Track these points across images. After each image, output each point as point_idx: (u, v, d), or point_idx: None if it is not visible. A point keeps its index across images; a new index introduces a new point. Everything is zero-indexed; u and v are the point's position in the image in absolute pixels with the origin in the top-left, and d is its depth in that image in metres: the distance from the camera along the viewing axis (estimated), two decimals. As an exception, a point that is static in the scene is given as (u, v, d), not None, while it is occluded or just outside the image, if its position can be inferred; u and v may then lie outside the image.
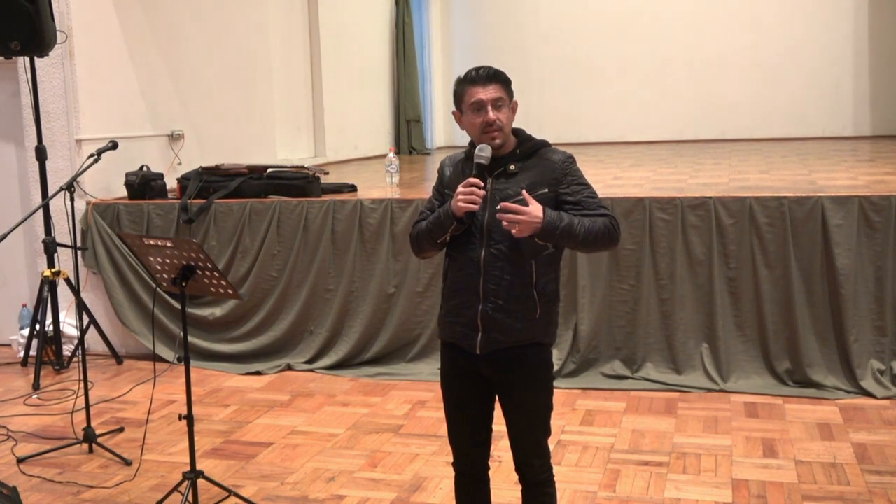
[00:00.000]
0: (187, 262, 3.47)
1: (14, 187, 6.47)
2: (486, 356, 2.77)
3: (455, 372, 2.88)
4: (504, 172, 2.76)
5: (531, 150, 2.80)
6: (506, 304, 2.72)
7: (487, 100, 2.72)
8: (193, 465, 3.67)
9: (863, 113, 11.32)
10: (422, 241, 2.86)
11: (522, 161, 2.78)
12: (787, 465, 4.05)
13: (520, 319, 2.74)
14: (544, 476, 2.89)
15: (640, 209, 5.32)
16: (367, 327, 5.78)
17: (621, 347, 5.39)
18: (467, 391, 2.86)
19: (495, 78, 2.75)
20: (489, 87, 2.73)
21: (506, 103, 2.75)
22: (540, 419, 2.85)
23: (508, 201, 2.67)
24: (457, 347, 2.84)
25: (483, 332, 2.75)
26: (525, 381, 2.80)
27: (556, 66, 12.21)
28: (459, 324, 2.80)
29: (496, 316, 2.73)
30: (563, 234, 2.66)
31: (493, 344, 2.75)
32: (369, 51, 10.95)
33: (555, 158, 2.79)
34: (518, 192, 2.70)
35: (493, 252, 2.71)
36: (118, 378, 5.83)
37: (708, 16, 11.70)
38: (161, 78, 6.91)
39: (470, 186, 2.66)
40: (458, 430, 2.93)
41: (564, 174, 2.77)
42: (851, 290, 5.04)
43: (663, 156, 9.36)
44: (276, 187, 6.15)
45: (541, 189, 2.73)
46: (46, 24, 5.36)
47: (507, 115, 2.76)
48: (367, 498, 3.88)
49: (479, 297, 2.73)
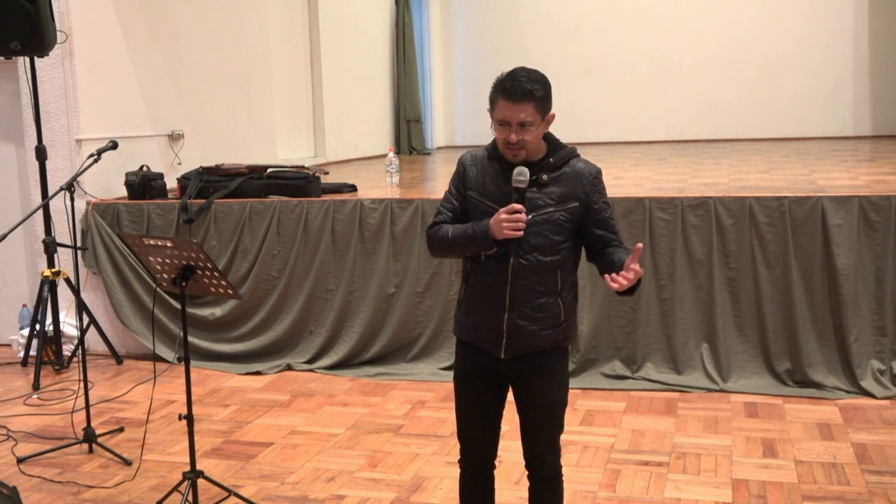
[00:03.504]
0: (187, 262, 3.47)
1: (14, 187, 6.47)
2: (508, 360, 2.79)
3: (473, 370, 2.87)
4: (536, 181, 2.72)
5: (563, 160, 2.77)
6: (532, 312, 2.74)
7: (513, 121, 2.64)
8: (193, 465, 3.67)
9: (863, 113, 11.32)
10: (446, 249, 2.81)
11: (554, 171, 2.74)
12: (787, 465, 4.05)
13: (546, 327, 2.76)
14: (553, 472, 2.90)
15: (640, 209, 5.32)
16: (367, 327, 5.78)
17: (621, 347, 5.39)
18: (483, 388, 2.87)
19: (529, 96, 2.62)
20: (519, 105, 2.62)
21: (535, 123, 2.65)
22: (556, 416, 2.87)
23: (538, 213, 2.67)
24: (477, 348, 2.84)
25: (508, 338, 2.76)
26: (545, 380, 2.83)
27: (557, 66, 12.16)
28: (483, 328, 2.79)
29: (522, 324, 2.74)
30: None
31: (517, 350, 2.78)
32: (369, 51, 10.95)
33: (585, 172, 2.77)
34: (549, 203, 2.69)
35: (522, 262, 2.70)
36: (118, 378, 5.83)
37: (708, 16, 11.70)
38: (161, 78, 6.91)
39: (514, 213, 2.61)
40: (471, 426, 2.92)
41: (594, 189, 2.77)
42: (851, 290, 5.04)
43: (663, 156, 9.36)
44: (276, 187, 6.15)
45: (572, 202, 2.72)
46: (46, 24, 5.36)
47: (535, 133, 2.67)
48: (367, 498, 3.88)
49: (506, 305, 2.73)
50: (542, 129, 2.72)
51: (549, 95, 2.70)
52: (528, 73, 2.69)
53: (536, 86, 2.65)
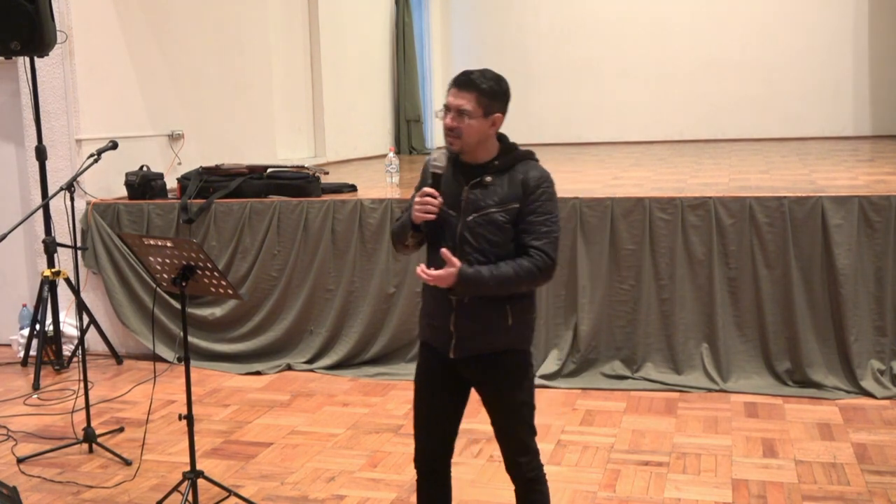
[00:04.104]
0: (187, 262, 3.47)
1: (14, 187, 6.47)
2: (461, 360, 2.81)
3: (430, 369, 2.92)
4: (479, 183, 2.75)
5: (509, 163, 2.78)
6: (477, 313, 2.75)
7: (453, 107, 2.70)
8: (193, 465, 3.66)
9: (863, 113, 11.31)
10: (395, 241, 2.92)
11: (499, 173, 2.76)
12: (787, 465, 4.05)
13: (492, 329, 2.76)
14: (533, 474, 2.88)
15: (640, 209, 5.32)
16: (367, 327, 5.78)
17: (621, 347, 5.39)
18: (439, 389, 2.90)
19: (472, 85, 2.69)
20: (462, 93, 2.70)
21: (475, 115, 2.69)
22: (519, 418, 2.85)
23: (480, 214, 2.71)
24: (434, 348, 2.88)
25: (456, 339, 2.78)
26: (501, 382, 2.82)
27: (556, 66, 12.21)
28: (435, 328, 2.85)
29: (468, 324, 2.76)
30: (475, 290, 2.68)
31: (466, 350, 2.79)
32: (369, 51, 10.95)
33: (530, 175, 2.75)
34: (490, 204, 2.72)
35: (465, 262, 2.70)
36: (118, 378, 5.82)
37: (708, 16, 11.71)
38: (161, 78, 6.91)
39: (425, 196, 2.70)
40: (423, 426, 2.94)
41: (533, 192, 2.73)
42: (851, 290, 5.04)
43: (663, 156, 9.36)
44: (276, 187, 6.15)
45: (512, 204, 2.72)
46: (46, 24, 5.36)
47: (474, 126, 2.70)
48: (367, 498, 3.88)
49: (452, 304, 2.76)
50: (484, 125, 2.72)
51: (499, 97, 2.74)
52: (485, 71, 2.76)
53: (486, 81, 2.71)
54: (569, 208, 5.38)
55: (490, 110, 2.71)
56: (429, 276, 2.68)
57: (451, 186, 2.78)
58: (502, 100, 2.75)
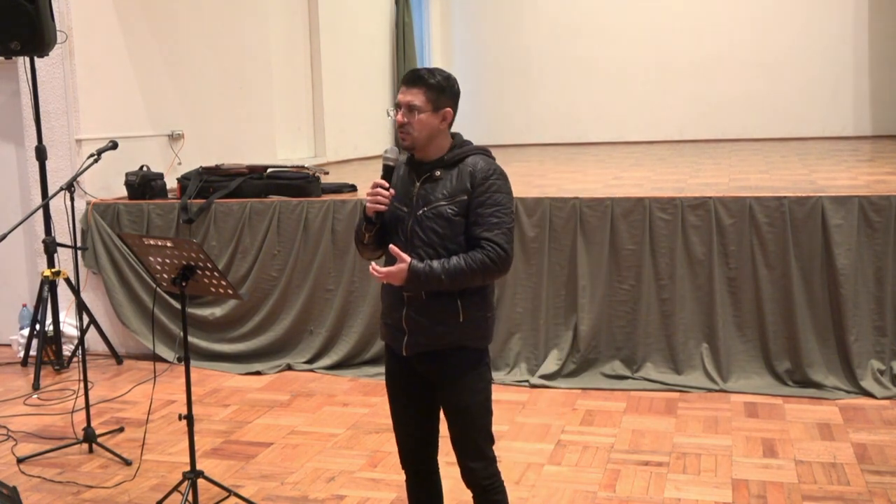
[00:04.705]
0: (187, 262, 3.47)
1: (14, 187, 6.47)
2: (415, 357, 2.82)
3: (391, 370, 2.93)
4: (430, 178, 2.79)
5: (457, 157, 2.80)
6: (427, 307, 2.75)
7: (403, 103, 2.75)
8: (193, 465, 3.67)
9: (863, 113, 11.31)
10: (355, 243, 2.94)
11: (449, 168, 2.79)
12: (787, 465, 4.05)
13: (442, 323, 2.76)
14: (488, 482, 2.85)
15: (640, 209, 5.32)
16: (367, 327, 5.78)
17: (621, 347, 5.39)
18: (406, 390, 2.90)
19: (419, 81, 2.75)
20: (410, 89, 2.75)
21: (424, 110, 2.73)
22: (472, 421, 2.83)
23: (429, 207, 2.73)
24: (391, 348, 2.90)
25: (408, 335, 2.79)
26: (453, 382, 2.82)
27: (556, 66, 12.20)
28: (388, 325, 2.87)
29: (418, 319, 2.77)
30: (427, 284, 2.69)
31: (418, 346, 2.80)
32: (369, 51, 10.95)
33: (479, 167, 2.76)
34: (439, 197, 2.74)
35: (414, 257, 2.71)
36: (118, 378, 5.83)
37: (708, 16, 11.70)
38: (161, 78, 6.91)
39: (375, 188, 2.73)
40: (400, 428, 2.96)
41: (482, 184, 2.74)
42: (851, 290, 5.04)
43: (663, 156, 9.36)
44: (276, 187, 6.15)
45: (460, 196, 2.74)
46: (46, 24, 5.37)
47: (424, 120, 2.74)
48: (367, 498, 3.88)
49: (403, 300, 2.78)
50: (433, 119, 2.76)
51: (448, 92, 2.78)
52: (434, 69, 2.82)
53: (433, 77, 2.76)
54: (569, 208, 5.39)
55: (439, 105, 2.76)
56: (379, 273, 2.69)
57: (404, 185, 2.82)
58: (450, 95, 2.79)
